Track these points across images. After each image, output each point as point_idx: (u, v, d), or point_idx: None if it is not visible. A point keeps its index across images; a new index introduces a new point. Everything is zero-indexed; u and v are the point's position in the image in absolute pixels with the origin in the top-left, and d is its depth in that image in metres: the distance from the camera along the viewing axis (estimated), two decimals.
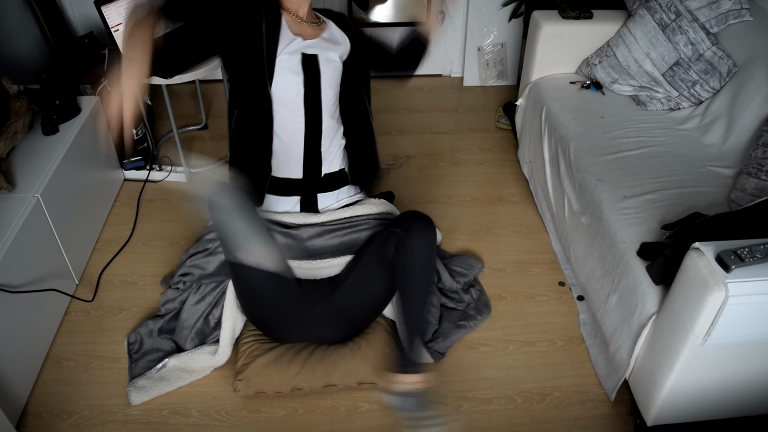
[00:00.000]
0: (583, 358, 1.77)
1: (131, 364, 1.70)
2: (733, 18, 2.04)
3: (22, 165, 1.84)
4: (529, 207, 2.32)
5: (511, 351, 1.79)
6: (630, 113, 2.13)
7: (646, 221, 1.62)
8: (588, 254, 1.78)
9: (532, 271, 2.06)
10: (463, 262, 2.01)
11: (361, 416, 1.61)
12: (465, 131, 2.79)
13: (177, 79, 2.13)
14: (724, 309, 1.21)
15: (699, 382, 1.41)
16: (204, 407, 1.62)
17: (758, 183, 1.65)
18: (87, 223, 2.07)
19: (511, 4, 2.91)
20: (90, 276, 2.00)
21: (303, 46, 1.58)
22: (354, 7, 2.95)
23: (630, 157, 1.89)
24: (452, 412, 1.59)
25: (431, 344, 1.74)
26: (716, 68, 2.03)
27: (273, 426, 1.58)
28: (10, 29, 2.36)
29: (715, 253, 1.24)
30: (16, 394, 1.57)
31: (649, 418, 1.49)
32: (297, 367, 1.61)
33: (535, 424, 1.59)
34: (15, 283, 1.59)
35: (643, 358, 1.48)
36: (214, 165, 1.29)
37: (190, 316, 1.72)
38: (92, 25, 2.71)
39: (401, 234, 1.46)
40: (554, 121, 2.13)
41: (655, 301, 1.43)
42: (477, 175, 2.50)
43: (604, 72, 2.24)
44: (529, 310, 1.92)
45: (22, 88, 1.91)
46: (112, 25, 2.13)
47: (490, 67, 3.11)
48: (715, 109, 2.00)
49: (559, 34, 2.29)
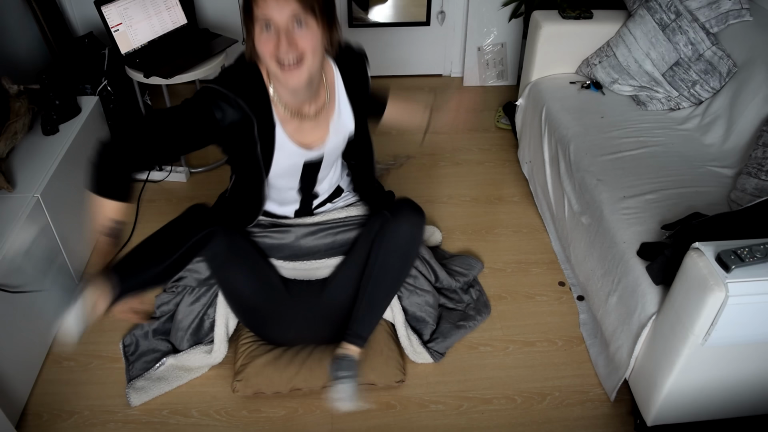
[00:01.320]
0: (583, 358, 1.77)
1: (128, 366, 1.70)
2: (733, 18, 2.04)
3: (22, 165, 1.84)
4: (529, 207, 2.32)
5: (511, 351, 1.79)
6: (630, 113, 2.13)
7: (646, 221, 1.62)
8: (588, 254, 1.78)
9: (532, 271, 2.06)
10: (463, 262, 2.01)
11: (361, 416, 1.61)
12: (465, 131, 2.79)
13: (177, 79, 2.13)
14: (724, 309, 1.21)
15: (699, 382, 1.41)
16: (204, 407, 1.62)
17: (758, 183, 1.65)
18: (87, 223, 2.07)
19: (511, 4, 2.91)
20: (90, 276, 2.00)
21: (304, 156, 1.45)
22: (354, 7, 2.95)
23: (630, 157, 1.89)
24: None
25: (431, 344, 1.74)
26: (716, 68, 2.03)
27: (273, 426, 1.58)
28: (10, 29, 2.36)
29: (715, 253, 1.24)
30: (16, 394, 1.57)
31: (649, 418, 1.49)
32: (296, 368, 1.61)
33: (535, 424, 1.59)
34: (15, 283, 1.59)
35: (643, 358, 1.48)
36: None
37: (185, 317, 1.72)
38: (92, 25, 2.71)
39: (388, 216, 1.46)
40: (554, 121, 2.13)
41: (655, 301, 1.43)
42: (477, 175, 2.50)
43: (604, 72, 2.24)
44: (529, 310, 1.92)
45: (22, 88, 1.91)
46: (112, 25, 2.13)
47: (490, 67, 3.11)
48: (715, 109, 2.00)
49: (559, 34, 2.29)
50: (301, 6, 1.19)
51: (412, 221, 1.48)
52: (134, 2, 2.19)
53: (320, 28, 1.24)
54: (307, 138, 1.44)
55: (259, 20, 1.21)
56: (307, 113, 1.41)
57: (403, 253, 1.50)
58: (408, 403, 1.64)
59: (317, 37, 1.24)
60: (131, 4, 2.18)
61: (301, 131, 1.42)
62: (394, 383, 1.65)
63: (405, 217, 1.48)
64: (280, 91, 1.36)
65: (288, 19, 1.20)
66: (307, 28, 1.22)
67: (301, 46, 1.22)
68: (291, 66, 1.23)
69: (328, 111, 1.44)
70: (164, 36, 2.30)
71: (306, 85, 1.30)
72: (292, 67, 1.23)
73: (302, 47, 1.22)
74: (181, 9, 2.35)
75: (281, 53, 1.21)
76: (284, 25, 1.20)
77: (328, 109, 1.44)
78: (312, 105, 1.41)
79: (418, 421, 1.60)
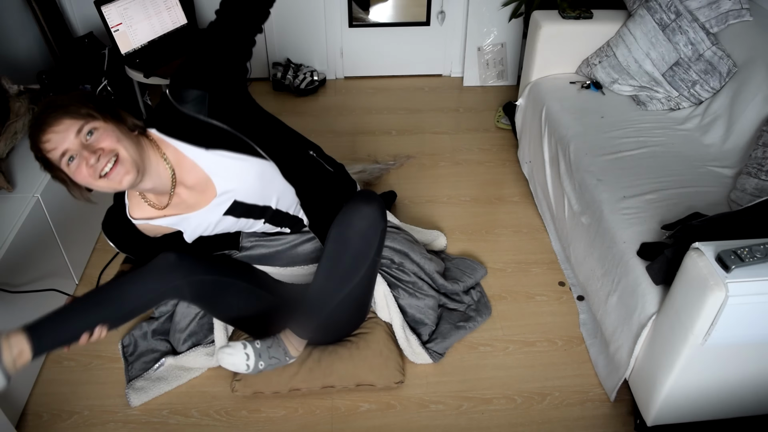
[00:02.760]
0: (583, 358, 1.77)
1: (127, 367, 1.70)
2: (733, 18, 2.04)
3: (22, 165, 1.84)
4: (529, 207, 2.32)
5: (511, 351, 1.79)
6: (630, 113, 2.13)
7: (646, 221, 1.62)
8: (588, 254, 1.78)
9: (532, 271, 2.06)
10: (467, 266, 2.00)
11: (361, 416, 1.61)
12: (465, 131, 2.79)
13: None
14: (724, 309, 1.21)
15: (699, 382, 1.41)
16: (204, 407, 1.62)
17: (758, 183, 1.65)
18: (87, 223, 2.07)
19: (511, 4, 2.91)
20: (90, 276, 2.00)
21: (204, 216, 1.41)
22: (354, 7, 2.95)
23: (630, 157, 1.89)
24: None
25: (429, 345, 1.74)
26: (716, 68, 2.03)
27: (273, 426, 1.58)
28: (10, 29, 2.36)
29: (715, 253, 1.24)
30: (16, 394, 1.57)
31: (649, 418, 1.49)
32: (295, 368, 1.61)
33: (535, 424, 1.59)
34: (15, 283, 1.59)
35: (643, 358, 1.48)
36: None
37: (183, 318, 1.72)
38: (92, 25, 2.71)
39: (343, 209, 1.41)
40: (554, 121, 2.13)
41: (655, 301, 1.43)
42: (477, 175, 2.50)
43: (604, 72, 2.24)
44: (529, 310, 1.91)
45: (22, 88, 1.91)
46: (112, 25, 2.13)
47: (490, 67, 3.11)
48: (715, 109, 2.00)
49: (559, 34, 2.29)
50: (77, 120, 1.18)
51: (358, 207, 1.37)
52: (134, 2, 2.19)
53: (109, 122, 1.22)
54: (190, 201, 1.39)
55: (58, 160, 1.19)
56: (181, 191, 1.38)
57: (345, 238, 1.38)
58: (408, 403, 1.64)
59: (114, 130, 1.22)
60: (131, 4, 2.18)
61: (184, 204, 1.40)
62: (393, 384, 1.65)
63: (353, 203, 1.39)
64: (135, 194, 1.39)
65: (76, 139, 1.18)
66: (98, 132, 1.20)
67: (106, 145, 1.20)
68: (113, 168, 1.20)
69: (205, 182, 1.37)
70: (164, 36, 2.30)
71: (148, 177, 1.28)
72: (114, 168, 1.20)
73: (108, 146, 1.20)
74: (181, 9, 2.35)
75: (98, 165, 1.19)
76: (78, 145, 1.19)
77: (201, 179, 1.36)
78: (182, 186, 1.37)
79: (418, 421, 1.60)
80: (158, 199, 1.40)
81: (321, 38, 3.05)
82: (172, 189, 1.36)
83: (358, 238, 1.39)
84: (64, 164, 1.20)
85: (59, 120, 1.18)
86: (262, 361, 1.45)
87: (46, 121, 1.18)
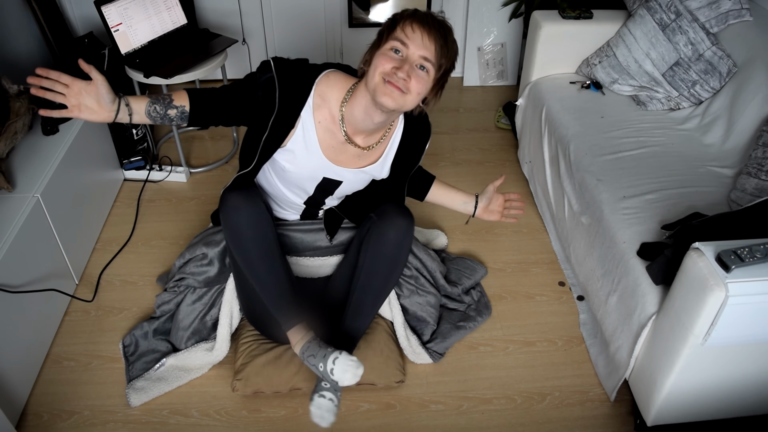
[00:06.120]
0: (583, 358, 1.77)
1: (128, 366, 1.70)
2: (733, 18, 2.04)
3: (22, 165, 1.84)
4: (529, 207, 2.32)
5: (511, 351, 1.79)
6: (630, 113, 2.13)
7: (646, 221, 1.62)
8: (588, 254, 1.78)
9: (532, 271, 2.06)
10: (466, 266, 2.00)
11: (361, 416, 1.61)
12: (465, 131, 2.79)
13: (177, 79, 2.14)
14: (724, 309, 1.21)
15: (699, 382, 1.41)
16: (204, 407, 1.62)
17: (758, 183, 1.65)
18: (87, 223, 2.07)
19: (511, 4, 2.91)
20: (90, 276, 2.00)
21: (325, 168, 1.46)
22: (354, 7, 2.95)
23: (630, 157, 1.89)
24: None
25: (430, 345, 1.74)
26: (716, 68, 2.03)
27: (273, 426, 1.58)
28: (10, 29, 2.36)
29: (715, 253, 1.24)
30: (16, 394, 1.57)
31: (649, 418, 1.49)
32: (295, 367, 1.61)
33: (535, 424, 1.59)
34: (15, 283, 1.59)
35: (643, 358, 1.48)
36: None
37: (186, 316, 1.72)
38: (92, 25, 2.71)
39: (375, 219, 1.47)
40: (554, 121, 2.13)
41: (655, 301, 1.43)
42: (477, 175, 2.50)
43: (604, 72, 2.24)
44: (529, 310, 1.92)
45: (22, 88, 1.91)
46: (112, 25, 2.13)
47: (490, 67, 3.11)
48: (715, 109, 2.00)
49: (559, 34, 2.29)
50: (437, 56, 1.26)
51: (397, 226, 1.45)
52: (134, 2, 2.19)
53: (432, 83, 1.31)
54: (339, 157, 1.45)
55: (395, 42, 1.26)
56: (355, 141, 1.43)
57: (391, 259, 1.48)
58: (408, 403, 1.64)
59: (427, 88, 1.31)
60: (131, 4, 2.18)
61: (336, 149, 1.43)
62: (393, 383, 1.65)
63: (390, 222, 1.45)
64: (353, 108, 1.37)
65: (419, 58, 1.26)
66: (426, 75, 1.28)
67: (412, 85, 1.28)
68: (396, 86, 1.27)
69: (372, 153, 1.48)
70: (164, 36, 2.30)
71: (385, 114, 1.33)
72: (396, 87, 1.27)
73: (412, 86, 1.28)
74: (181, 9, 2.35)
75: (396, 75, 1.26)
76: (413, 60, 1.26)
77: (373, 151, 1.47)
78: (364, 139, 1.44)
79: (418, 421, 1.60)
80: (346, 128, 1.41)
81: (321, 38, 3.05)
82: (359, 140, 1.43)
83: (395, 253, 1.47)
84: (392, 46, 1.27)
85: (433, 40, 1.25)
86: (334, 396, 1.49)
87: (428, 31, 1.25)
